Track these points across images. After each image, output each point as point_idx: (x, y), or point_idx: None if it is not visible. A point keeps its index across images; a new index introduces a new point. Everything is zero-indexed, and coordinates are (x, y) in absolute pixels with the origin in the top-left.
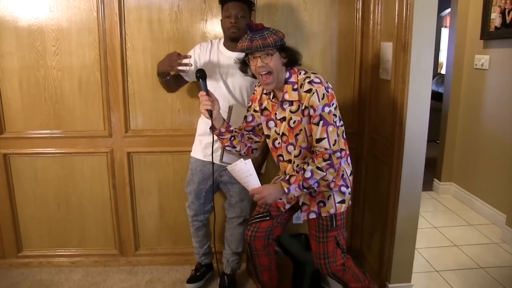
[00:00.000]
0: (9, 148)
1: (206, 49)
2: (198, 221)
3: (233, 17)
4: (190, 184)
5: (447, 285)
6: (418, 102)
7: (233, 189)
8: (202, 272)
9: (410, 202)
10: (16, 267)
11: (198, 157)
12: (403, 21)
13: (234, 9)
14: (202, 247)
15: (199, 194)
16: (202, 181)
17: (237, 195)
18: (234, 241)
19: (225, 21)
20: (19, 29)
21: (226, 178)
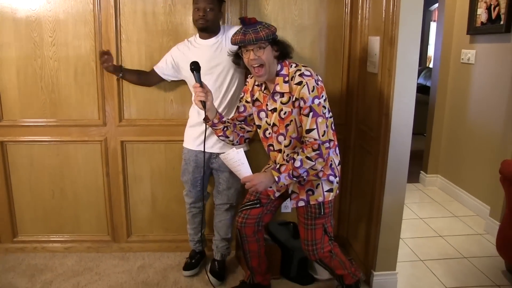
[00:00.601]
0: (6, 136)
1: (184, 48)
2: (196, 208)
3: (201, 10)
4: (185, 173)
5: (431, 273)
6: (404, 94)
7: (221, 177)
8: (197, 259)
9: (395, 191)
10: (11, 252)
11: (190, 147)
12: (390, 16)
13: (202, 2)
14: (196, 234)
15: (195, 183)
16: (196, 169)
17: (225, 182)
18: (223, 227)
19: (194, 13)
20: (17, 20)
21: (216, 166)
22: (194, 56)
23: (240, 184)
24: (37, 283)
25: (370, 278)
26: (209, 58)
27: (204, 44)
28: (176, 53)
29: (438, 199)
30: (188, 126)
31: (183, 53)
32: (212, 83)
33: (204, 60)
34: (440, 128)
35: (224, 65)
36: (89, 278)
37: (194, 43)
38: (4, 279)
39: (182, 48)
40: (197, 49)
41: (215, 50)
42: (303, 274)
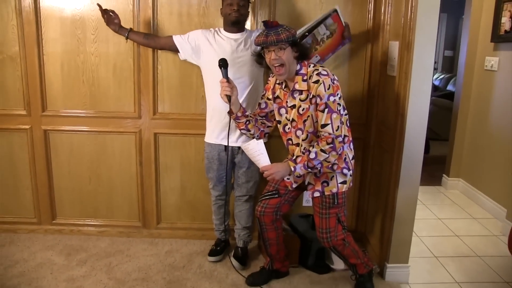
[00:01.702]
0: (49, 125)
1: (209, 35)
2: (221, 200)
3: (235, 4)
4: (210, 171)
5: (443, 269)
6: (419, 96)
7: (241, 171)
8: (222, 247)
9: (409, 187)
10: (50, 233)
11: (213, 141)
12: (408, 22)
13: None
14: (221, 224)
15: (221, 178)
16: (220, 167)
17: (244, 177)
18: (243, 217)
19: (227, 8)
20: (64, 19)
21: (238, 159)
22: (218, 46)
23: (258, 176)
24: (73, 261)
25: (384, 270)
26: (231, 51)
27: (229, 37)
28: (200, 36)
29: (458, 202)
30: (208, 122)
31: (207, 39)
32: (231, 75)
33: (226, 52)
34: (463, 133)
35: (245, 61)
36: (120, 259)
37: (220, 34)
38: (44, 256)
39: (207, 34)
40: (222, 40)
41: (239, 45)
42: (320, 264)
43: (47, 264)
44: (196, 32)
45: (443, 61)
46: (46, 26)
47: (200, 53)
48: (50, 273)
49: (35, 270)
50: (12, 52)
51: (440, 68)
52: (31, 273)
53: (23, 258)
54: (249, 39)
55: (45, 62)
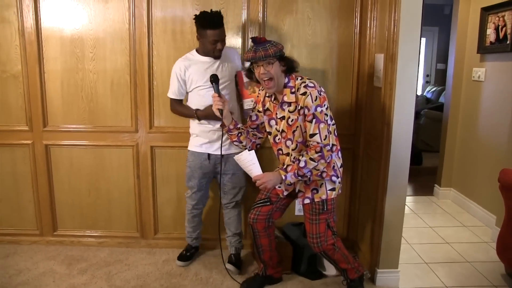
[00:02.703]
0: (50, 140)
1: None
2: (197, 209)
3: (220, 42)
4: (191, 179)
5: (433, 274)
6: (403, 106)
7: (226, 178)
8: (191, 253)
9: (396, 194)
10: (52, 244)
11: (197, 150)
12: (391, 35)
13: (220, 35)
14: (194, 232)
15: (201, 187)
16: (202, 175)
17: (230, 183)
18: (233, 223)
19: (209, 45)
20: (63, 38)
21: (222, 167)
22: (194, 71)
23: (244, 182)
24: (74, 270)
25: (374, 275)
26: (206, 73)
27: (202, 60)
28: (182, 71)
29: (450, 210)
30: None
31: (186, 68)
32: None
33: (202, 74)
34: (453, 143)
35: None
36: (119, 268)
37: (193, 59)
38: (47, 265)
39: (182, 64)
40: (196, 65)
41: (212, 65)
42: (312, 270)
43: (50, 273)
44: (176, 71)
45: (436, 74)
46: (47, 45)
47: (187, 84)
48: (52, 281)
49: (38, 278)
50: (15, 71)
51: (433, 81)
52: (35, 281)
53: (26, 268)
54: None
55: (46, 79)
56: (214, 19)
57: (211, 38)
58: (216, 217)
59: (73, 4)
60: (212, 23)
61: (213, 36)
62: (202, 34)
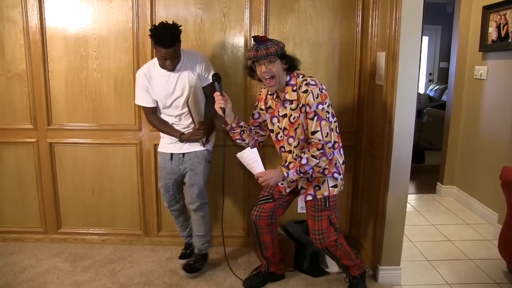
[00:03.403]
0: (54, 138)
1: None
2: (174, 210)
3: (169, 61)
4: (159, 180)
5: (435, 271)
6: (405, 103)
7: (187, 177)
8: (191, 250)
9: (398, 191)
10: (56, 242)
11: (162, 150)
12: (393, 33)
13: (170, 54)
14: (185, 230)
15: (167, 188)
16: (167, 176)
17: (188, 180)
18: (195, 226)
19: (160, 60)
20: (67, 37)
21: (183, 166)
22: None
23: (202, 182)
24: (78, 267)
25: (376, 272)
26: (172, 82)
27: (161, 74)
28: (144, 81)
29: (452, 208)
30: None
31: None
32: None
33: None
34: (456, 141)
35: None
36: (122, 265)
37: (154, 72)
38: (51, 263)
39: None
40: (157, 78)
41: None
42: (315, 268)
43: (54, 270)
44: (140, 80)
45: (439, 72)
46: (51, 45)
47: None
48: (56, 278)
49: (43, 275)
50: (19, 70)
51: (436, 79)
52: (39, 279)
53: (31, 265)
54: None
55: (50, 78)
56: (164, 38)
57: (160, 54)
58: (218, 214)
59: (77, 4)
60: (161, 41)
61: (162, 53)
62: (155, 47)
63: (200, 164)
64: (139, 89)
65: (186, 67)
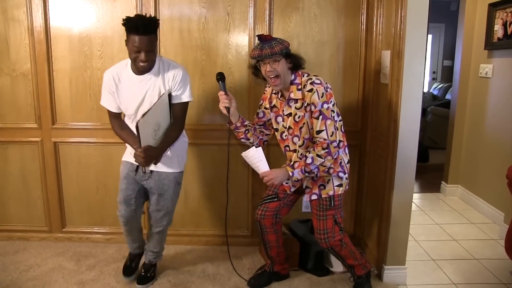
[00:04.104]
0: (58, 137)
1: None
2: (132, 228)
3: (143, 53)
4: (119, 192)
5: (440, 271)
6: (410, 102)
7: (153, 198)
8: (136, 262)
9: (403, 191)
10: (60, 241)
11: (126, 159)
12: (398, 31)
13: (142, 43)
14: (135, 242)
15: (129, 201)
16: (128, 186)
17: (154, 205)
18: (152, 242)
19: (133, 53)
20: (72, 37)
21: (150, 185)
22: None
23: (171, 207)
24: (82, 266)
25: (381, 272)
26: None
27: (131, 80)
28: (112, 84)
29: (457, 207)
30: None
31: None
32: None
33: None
34: (460, 140)
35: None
36: None
37: (124, 76)
38: (56, 262)
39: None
40: (126, 83)
41: (144, 85)
42: (320, 267)
43: (59, 269)
44: (107, 82)
45: (442, 70)
46: (56, 44)
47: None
48: (61, 277)
49: (48, 274)
50: (24, 70)
51: (440, 77)
52: (44, 277)
53: (36, 264)
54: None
55: (54, 78)
56: (140, 22)
57: (133, 44)
58: (222, 213)
59: (81, 3)
60: (136, 27)
61: (136, 42)
62: (127, 40)
63: (169, 188)
64: (104, 90)
65: (159, 77)
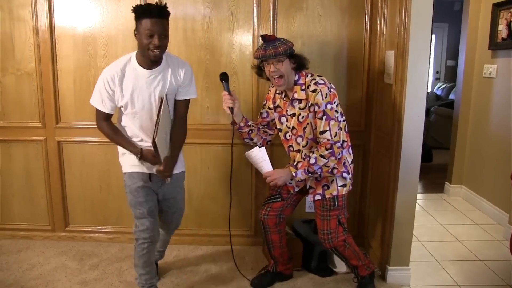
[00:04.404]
0: (62, 136)
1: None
2: (151, 242)
3: (156, 37)
4: (138, 206)
5: (444, 272)
6: (414, 102)
7: (167, 204)
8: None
9: (407, 191)
10: (63, 240)
11: (136, 170)
12: (402, 31)
13: (156, 26)
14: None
15: (152, 212)
16: (148, 198)
17: (169, 208)
18: (162, 242)
19: (144, 38)
20: (76, 36)
21: (165, 191)
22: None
23: (184, 206)
24: (85, 265)
25: (385, 273)
26: (151, 87)
27: (141, 75)
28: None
29: (461, 208)
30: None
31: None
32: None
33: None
34: (464, 140)
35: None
36: (130, 264)
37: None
38: (59, 261)
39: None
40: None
41: (153, 80)
42: (323, 267)
43: (62, 268)
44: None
45: (446, 70)
46: (60, 43)
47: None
48: (64, 276)
49: (51, 273)
50: (28, 69)
51: (443, 77)
52: (47, 276)
53: (39, 262)
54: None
55: (59, 77)
56: (153, 6)
57: (146, 28)
58: (226, 213)
59: (86, 3)
60: (149, 10)
61: (149, 26)
62: (137, 28)
63: (181, 188)
64: (101, 89)
65: (169, 72)
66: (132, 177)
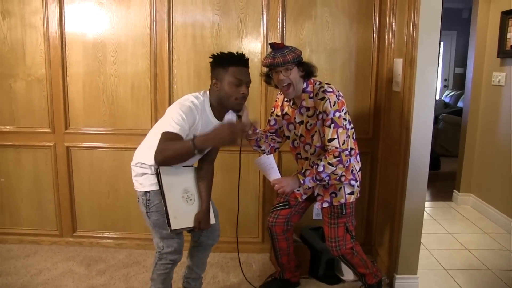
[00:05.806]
0: (71, 142)
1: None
2: (177, 263)
3: (244, 86)
4: (165, 227)
5: (453, 281)
6: (422, 110)
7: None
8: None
9: (416, 199)
10: (71, 245)
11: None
12: (410, 39)
13: (246, 76)
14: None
15: (180, 234)
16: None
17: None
18: (201, 264)
19: (231, 87)
20: (86, 42)
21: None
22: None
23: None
24: (93, 271)
25: (393, 281)
26: None
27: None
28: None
29: (469, 216)
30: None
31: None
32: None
33: None
34: (473, 148)
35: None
36: (137, 270)
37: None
38: (66, 266)
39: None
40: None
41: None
42: (330, 275)
43: (69, 273)
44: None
45: (454, 78)
46: (70, 50)
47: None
48: (72, 281)
49: (58, 278)
50: (39, 74)
51: (451, 85)
52: (55, 281)
53: (46, 268)
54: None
55: (68, 83)
56: (241, 56)
57: (234, 77)
58: (233, 219)
59: (96, 9)
60: (238, 58)
61: (238, 74)
62: (220, 75)
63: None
64: (186, 115)
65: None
66: (159, 196)
